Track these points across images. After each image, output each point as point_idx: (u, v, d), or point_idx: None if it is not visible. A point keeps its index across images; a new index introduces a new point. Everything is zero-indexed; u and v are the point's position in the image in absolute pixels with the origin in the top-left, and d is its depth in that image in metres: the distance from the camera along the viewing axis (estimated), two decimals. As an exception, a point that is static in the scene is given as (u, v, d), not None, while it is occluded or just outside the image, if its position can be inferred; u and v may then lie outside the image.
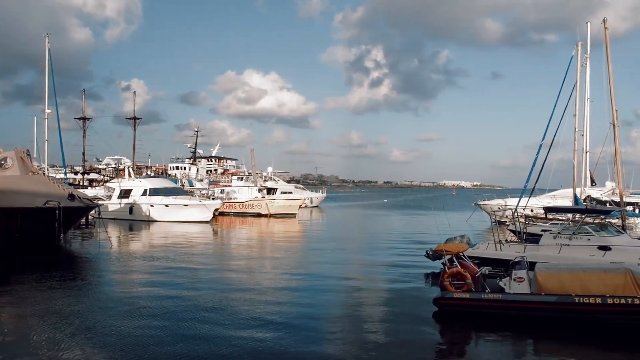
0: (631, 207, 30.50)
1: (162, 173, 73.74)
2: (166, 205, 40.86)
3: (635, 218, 27.63)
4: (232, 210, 50.72)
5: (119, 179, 47.96)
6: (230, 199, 52.36)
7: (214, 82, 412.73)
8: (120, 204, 42.16)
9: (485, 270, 14.25)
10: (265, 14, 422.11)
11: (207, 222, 40.46)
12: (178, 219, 39.93)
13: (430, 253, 18.96)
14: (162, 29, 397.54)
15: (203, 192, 51.60)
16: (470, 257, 15.65)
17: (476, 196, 47.82)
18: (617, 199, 29.78)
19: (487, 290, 12.95)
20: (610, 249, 16.10)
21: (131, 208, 41.52)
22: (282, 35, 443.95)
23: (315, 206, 69.68)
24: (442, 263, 14.85)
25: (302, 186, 78.63)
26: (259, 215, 49.72)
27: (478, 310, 12.47)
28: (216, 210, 42.55)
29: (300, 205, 52.04)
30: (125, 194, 42.73)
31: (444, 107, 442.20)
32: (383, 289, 16.76)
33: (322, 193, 76.30)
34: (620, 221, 23.67)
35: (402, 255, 24.60)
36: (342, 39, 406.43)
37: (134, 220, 40.40)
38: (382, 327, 12.09)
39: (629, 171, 52.61)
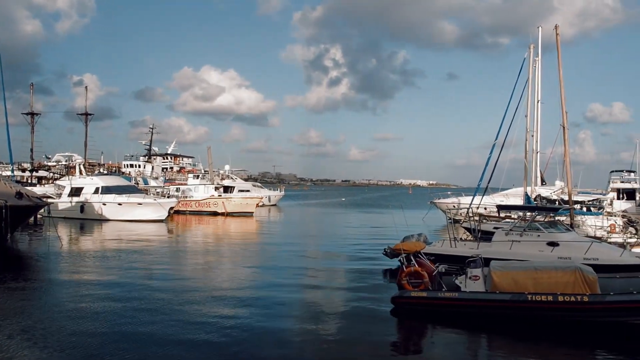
0: (579, 205, 31.65)
1: (115, 171, 71.59)
2: (119, 204, 39.75)
3: (583, 216, 28.70)
4: (188, 209, 49.85)
5: (70, 177, 46.22)
6: (186, 197, 51.43)
7: (170, 78, 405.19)
8: (70, 202, 40.73)
9: (442, 268, 14.43)
10: (223, 10, 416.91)
11: (162, 220, 39.59)
12: (132, 218, 38.90)
13: (389, 251, 19.02)
14: (116, 23, 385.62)
15: (158, 190, 50.39)
16: (426, 254, 15.84)
17: (432, 195, 48.66)
18: (566, 198, 30.92)
19: (443, 289, 13.10)
20: (558, 245, 16.66)
21: (82, 207, 40.17)
22: (240, 32, 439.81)
23: (273, 205, 69.29)
24: (400, 261, 14.95)
25: (260, 184, 78.10)
26: (215, 213, 49.03)
27: (435, 308, 12.59)
28: (171, 208, 41.77)
29: (257, 204, 51.62)
30: (76, 192, 41.31)
31: (401, 107, 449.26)
32: (341, 287, 16.75)
33: (280, 191, 75.94)
34: (569, 219, 24.60)
35: (360, 253, 24.72)
36: (301, 38, 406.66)
37: (85, 219, 39.15)
38: (339, 326, 12.03)
39: (577, 171, 54.87)
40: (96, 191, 40.57)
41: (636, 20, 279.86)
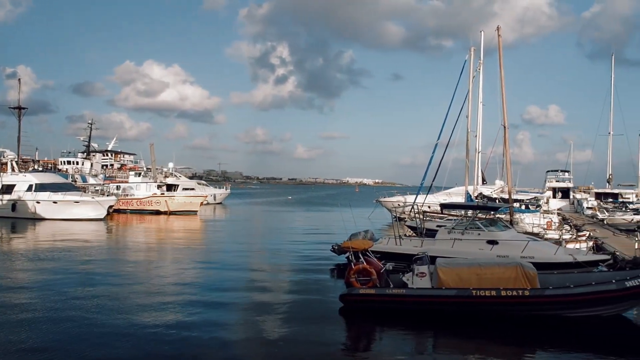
0: (517, 203, 32.87)
1: (51, 168, 68.12)
2: (54, 202, 37.94)
3: (521, 214, 29.84)
4: (129, 208, 48.26)
5: (1, 174, 43.58)
6: (127, 195, 49.78)
7: (111, 72, 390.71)
8: (1, 200, 38.66)
9: (389, 265, 14.51)
10: (167, 3, 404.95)
11: (100, 219, 38.10)
12: (68, 217, 37.22)
13: (336, 248, 19.12)
14: (54, 14, 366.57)
15: (97, 188, 48.38)
16: (373, 252, 15.94)
17: (377, 193, 49.34)
18: (506, 196, 32.05)
19: (391, 286, 13.17)
20: (497, 243, 17.24)
21: (14, 205, 38.15)
22: (185, 26, 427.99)
23: (218, 203, 68.16)
24: (347, 258, 14.96)
25: (205, 182, 76.59)
26: (157, 212, 47.61)
27: (383, 305, 12.64)
28: (110, 207, 40.32)
29: (202, 202, 50.59)
30: (7, 189, 39.25)
31: (348, 106, 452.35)
32: (288, 285, 16.55)
33: (226, 189, 74.85)
34: (509, 216, 25.49)
35: (307, 250, 24.62)
36: (247, 34, 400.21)
37: (17, 218, 37.23)
38: (287, 325, 11.84)
39: (515, 171, 57.12)
40: (29, 189, 38.58)
41: (570, 27, 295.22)
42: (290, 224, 43.98)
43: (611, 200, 49.30)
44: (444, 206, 24.96)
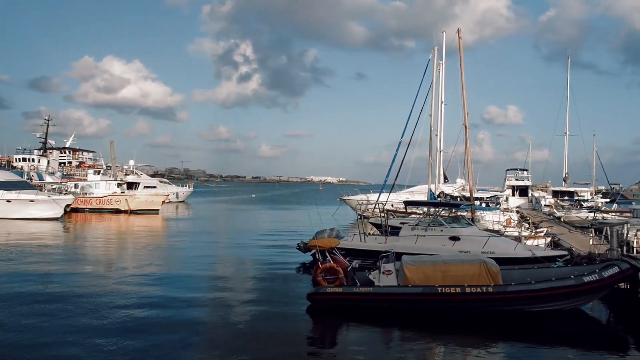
0: (478, 201, 33.60)
1: (5, 165, 65.47)
2: (8, 201, 36.47)
3: (482, 211, 30.51)
4: (88, 206, 46.87)
5: (-51, 171, 41.59)
6: (86, 194, 48.34)
7: (69, 67, 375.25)
8: (-50, 199, 36.62)
9: (355, 263, 14.57)
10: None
11: (57, 219, 36.84)
12: (23, 216, 35.86)
13: (302, 245, 19.10)
14: (7, 6, 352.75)
15: (54, 186, 46.81)
16: (337, 249, 15.98)
17: (341, 192, 49.51)
18: (467, 194, 32.69)
19: (358, 284, 13.22)
20: (459, 239, 17.62)
21: (-36, 204, 36.29)
22: (147, 22, 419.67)
23: (181, 201, 67.03)
24: (313, 256, 14.94)
25: (167, 180, 75.09)
26: (118, 211, 46.43)
27: (351, 303, 12.68)
28: (68, 206, 39.12)
29: (163, 201, 49.60)
30: (-43, 188, 37.19)
31: (312, 104, 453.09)
32: (253, 284, 16.42)
33: (189, 188, 73.71)
34: (470, 214, 26.01)
35: (273, 249, 24.47)
36: (210, 31, 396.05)
37: (-33, 218, 35.40)
38: (254, 324, 11.73)
39: (476, 169, 58.25)
40: (-19, 187, 36.83)
41: (527, 30, 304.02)
42: (255, 223, 43.67)
43: (567, 198, 51.01)
44: (408, 203, 25.28)
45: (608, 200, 48.08)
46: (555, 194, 53.55)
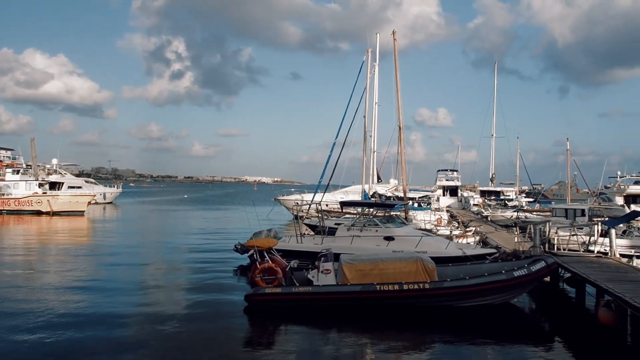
0: (411, 201, 34.45)
1: None
2: None
3: (414, 211, 31.31)
4: (6, 208, 43.92)
5: None
6: (4, 194, 45.29)
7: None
8: None
9: (294, 263, 14.48)
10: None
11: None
12: None
13: (239, 247, 18.75)
14: None
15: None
16: (275, 250, 15.84)
17: (276, 192, 49.30)
18: (400, 194, 33.46)
19: (296, 284, 13.12)
20: (393, 239, 17.96)
21: None
22: (73, 14, 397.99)
23: (109, 202, 64.18)
24: (250, 257, 14.70)
25: (93, 180, 71.65)
26: (39, 213, 43.79)
27: (290, 303, 12.57)
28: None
29: (89, 202, 47.35)
30: None
31: (246, 103, 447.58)
32: (188, 287, 15.91)
33: (118, 188, 70.71)
34: (404, 214, 26.62)
35: (208, 250, 23.89)
36: (141, 27, 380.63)
37: None
38: (188, 329, 11.34)
39: (408, 170, 59.61)
40: None
41: (457, 36, 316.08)
42: (188, 224, 42.51)
43: (494, 197, 53.46)
44: (343, 204, 25.44)
45: (531, 199, 50.86)
46: (483, 193, 55.93)
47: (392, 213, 23.20)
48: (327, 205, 32.47)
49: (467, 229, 26.53)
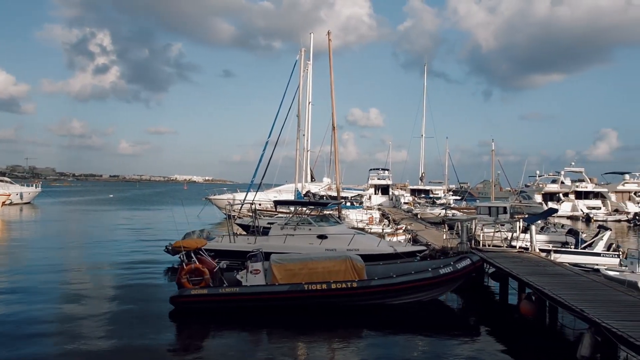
0: (343, 200, 34.73)
1: None
2: None
3: (347, 210, 31.57)
4: None
5: None
6: None
7: None
8: None
9: (223, 264, 14.09)
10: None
11: None
12: None
13: (170, 248, 18.04)
14: None
15: None
16: (207, 251, 15.39)
17: (207, 191, 48.26)
18: (333, 193, 33.61)
19: (225, 285, 12.77)
20: (326, 237, 18.01)
21: None
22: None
23: (26, 203, 60.36)
24: (179, 259, 14.16)
25: (8, 179, 67.08)
26: (-54, 214, 40.41)
27: (217, 305, 12.21)
28: None
29: (4, 202, 44.29)
30: None
31: (176, 101, 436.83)
32: (113, 291, 15.12)
33: (36, 187, 66.70)
34: (337, 212, 26.72)
35: (136, 253, 22.82)
36: (62, 17, 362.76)
37: None
38: (112, 333, 10.77)
39: (341, 169, 60.36)
40: None
41: (387, 38, 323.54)
42: (115, 225, 40.59)
43: (424, 196, 55.14)
44: (278, 203, 25.20)
45: (458, 198, 52.84)
46: (413, 192, 57.56)
47: (325, 212, 23.25)
48: (259, 204, 32.10)
49: (398, 227, 27.06)
